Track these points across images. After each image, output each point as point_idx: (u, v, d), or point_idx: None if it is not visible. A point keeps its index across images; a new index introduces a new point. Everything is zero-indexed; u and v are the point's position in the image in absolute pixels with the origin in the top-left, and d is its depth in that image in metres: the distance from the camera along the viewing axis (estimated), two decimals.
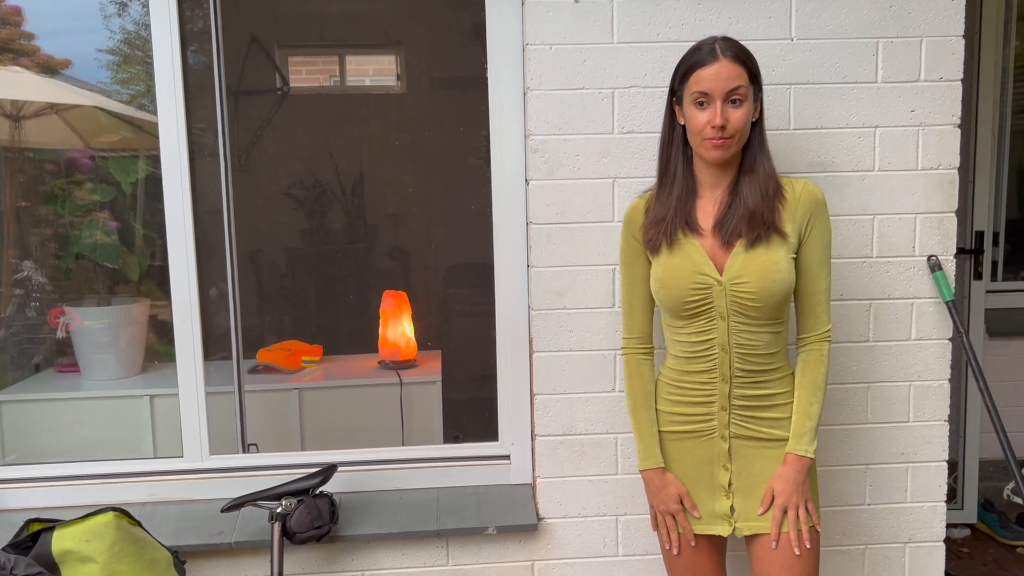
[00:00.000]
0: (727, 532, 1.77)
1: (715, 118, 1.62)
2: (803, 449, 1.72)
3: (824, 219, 1.72)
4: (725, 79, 1.62)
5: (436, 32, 4.17)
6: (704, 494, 1.79)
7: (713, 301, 1.70)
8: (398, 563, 2.18)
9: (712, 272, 1.69)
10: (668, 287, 1.72)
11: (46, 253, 3.29)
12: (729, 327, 1.71)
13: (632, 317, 1.85)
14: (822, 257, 1.72)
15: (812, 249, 1.72)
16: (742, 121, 1.64)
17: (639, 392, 1.84)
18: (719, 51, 1.64)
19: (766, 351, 1.72)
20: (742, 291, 1.67)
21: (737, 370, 1.72)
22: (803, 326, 1.77)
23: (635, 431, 1.83)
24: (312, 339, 3.36)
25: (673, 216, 1.72)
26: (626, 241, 1.82)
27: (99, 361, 3.02)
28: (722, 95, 1.63)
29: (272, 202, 3.99)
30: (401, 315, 3.21)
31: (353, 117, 4.17)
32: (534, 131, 2.07)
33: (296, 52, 4.22)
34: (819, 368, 1.74)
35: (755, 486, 1.75)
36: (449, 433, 3.03)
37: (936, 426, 2.19)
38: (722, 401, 1.74)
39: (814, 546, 1.73)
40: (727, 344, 1.71)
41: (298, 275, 3.99)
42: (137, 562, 1.84)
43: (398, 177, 4.09)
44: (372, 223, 4.10)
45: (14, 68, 3.25)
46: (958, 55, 2.08)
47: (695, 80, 1.65)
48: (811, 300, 1.75)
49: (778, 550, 1.72)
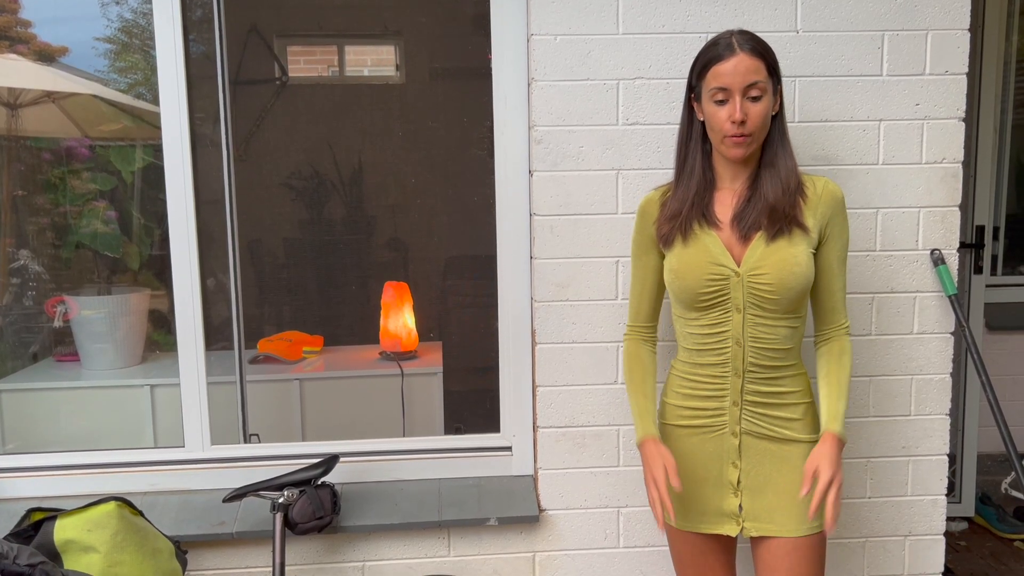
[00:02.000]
0: (735, 532, 1.75)
1: (735, 113, 1.60)
2: (839, 429, 1.68)
3: (844, 218, 1.71)
4: (744, 73, 1.60)
5: (435, 23, 4.16)
6: (712, 492, 1.77)
7: (730, 293, 1.69)
8: (399, 554, 2.18)
9: (730, 263, 1.68)
10: (684, 278, 1.70)
11: (43, 242, 3.27)
12: (744, 320, 1.69)
13: (639, 307, 1.85)
14: (842, 256, 1.72)
15: (833, 248, 1.71)
16: (761, 116, 1.62)
17: (636, 369, 1.82)
18: (736, 45, 1.61)
19: (782, 346, 1.71)
20: (760, 282, 1.66)
21: (751, 364, 1.71)
22: (824, 320, 1.76)
23: (632, 407, 1.80)
24: (313, 330, 3.36)
25: (689, 210, 1.71)
26: (639, 232, 1.81)
27: (98, 350, 3.01)
28: (741, 89, 1.60)
29: (271, 192, 3.98)
30: (402, 306, 3.20)
31: (352, 108, 4.15)
32: (538, 122, 2.06)
33: (295, 42, 4.20)
34: (848, 356, 1.74)
35: (764, 485, 1.74)
36: (450, 424, 3.03)
37: (937, 420, 2.20)
38: (734, 396, 1.73)
39: (820, 552, 1.72)
40: (741, 337, 1.70)
41: (299, 265, 3.98)
42: (139, 552, 1.84)
43: (398, 168, 4.08)
44: (372, 214, 4.10)
45: (11, 55, 3.23)
46: (963, 49, 2.08)
47: (713, 75, 1.63)
48: (832, 298, 1.74)
49: (788, 556, 1.70)
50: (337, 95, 4.17)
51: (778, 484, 1.73)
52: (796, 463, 1.73)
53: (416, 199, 4.07)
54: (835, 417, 1.69)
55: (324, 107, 4.12)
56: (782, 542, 1.71)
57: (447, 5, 4.06)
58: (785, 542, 1.71)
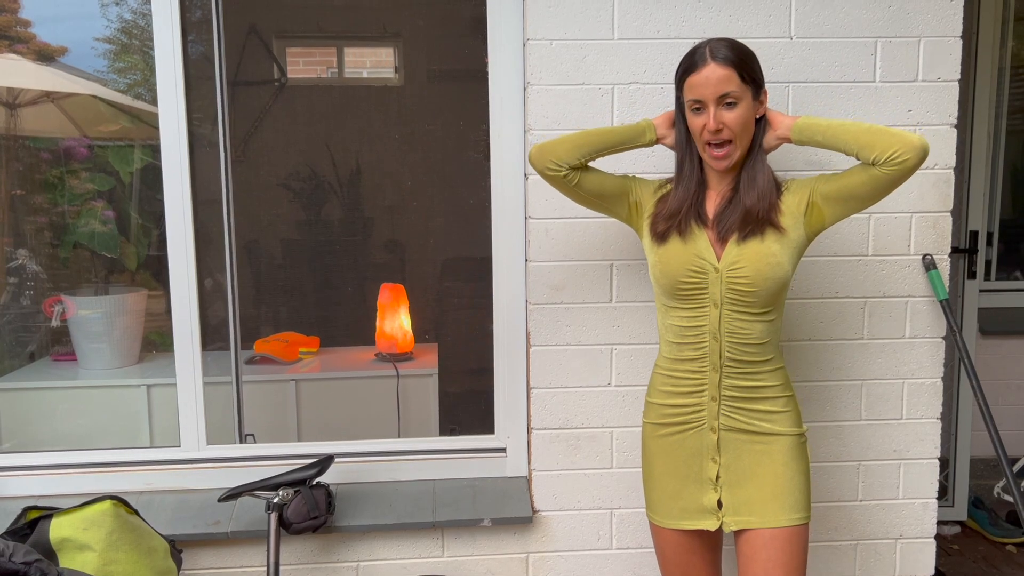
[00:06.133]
0: (714, 527, 1.77)
1: (709, 122, 1.66)
2: (801, 120, 1.71)
3: (808, 179, 1.74)
4: (715, 84, 1.64)
5: (434, 25, 4.16)
6: (692, 488, 1.79)
7: (708, 288, 1.72)
8: (394, 554, 2.19)
9: (711, 259, 1.72)
10: (668, 266, 1.74)
11: (41, 242, 3.28)
12: (721, 315, 1.72)
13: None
14: (829, 176, 1.71)
15: (827, 187, 1.70)
16: (737, 123, 1.66)
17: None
18: (708, 55, 1.65)
19: (758, 341, 1.73)
20: (738, 276, 1.69)
21: (727, 359, 1.74)
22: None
23: (604, 131, 1.81)
24: (309, 330, 3.37)
25: (688, 209, 1.75)
26: (632, 180, 1.85)
27: (95, 350, 3.02)
28: (714, 100, 1.65)
29: (269, 193, 3.98)
30: (398, 308, 3.21)
31: (351, 109, 4.16)
32: (534, 126, 2.08)
33: (294, 43, 4.21)
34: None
35: (743, 480, 1.76)
36: (445, 426, 3.04)
37: (928, 424, 2.21)
38: (712, 391, 1.76)
39: (801, 543, 1.74)
40: (718, 332, 1.73)
41: (296, 266, 3.99)
42: (134, 551, 1.85)
43: (396, 170, 4.09)
44: (370, 215, 4.10)
45: (10, 55, 3.23)
46: (956, 56, 2.09)
47: (688, 87, 1.69)
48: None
49: (765, 547, 1.72)
50: (336, 96, 4.18)
51: (758, 477, 1.75)
52: (776, 456, 1.75)
53: (413, 201, 4.08)
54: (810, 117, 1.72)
55: (322, 108, 4.13)
56: (762, 532, 1.73)
57: (446, 8, 4.07)
58: (765, 532, 1.73)
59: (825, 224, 1.73)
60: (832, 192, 1.69)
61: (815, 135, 1.70)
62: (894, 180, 1.63)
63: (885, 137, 1.61)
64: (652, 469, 1.83)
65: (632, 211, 1.84)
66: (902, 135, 1.61)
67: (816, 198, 1.71)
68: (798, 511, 1.74)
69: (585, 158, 1.80)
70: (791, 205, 1.73)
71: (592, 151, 1.80)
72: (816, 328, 2.17)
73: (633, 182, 1.85)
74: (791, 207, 1.72)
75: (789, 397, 1.78)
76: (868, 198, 1.68)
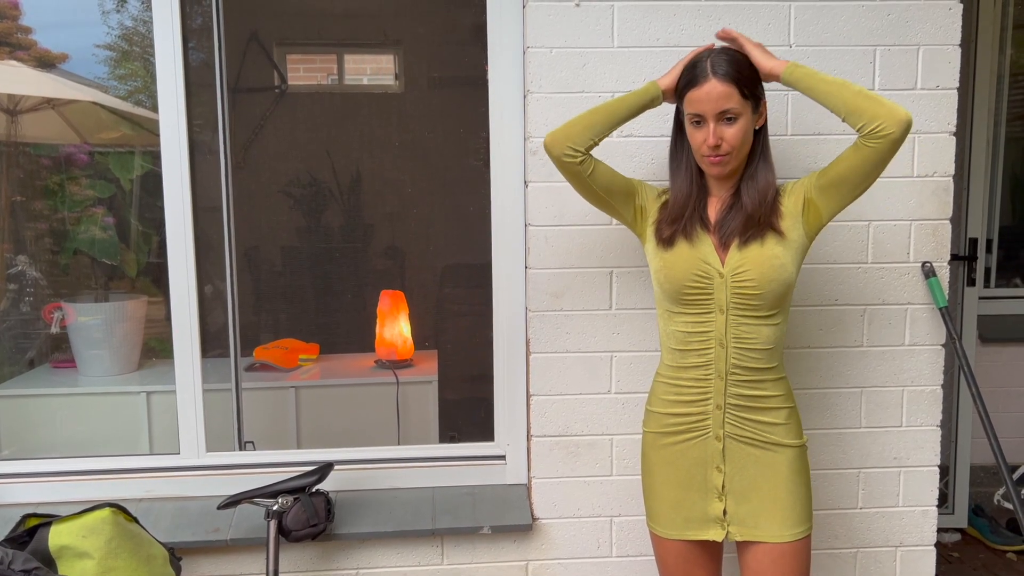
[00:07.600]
0: (720, 537, 1.77)
1: (709, 138, 1.66)
2: (790, 64, 1.71)
3: (802, 179, 1.76)
4: (715, 100, 1.64)
5: (435, 32, 4.17)
6: (697, 497, 1.79)
7: (713, 293, 1.72)
8: (393, 562, 2.18)
9: (716, 264, 1.72)
10: (672, 270, 1.74)
11: (41, 248, 3.28)
12: (728, 320, 1.72)
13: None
14: (825, 166, 1.71)
15: (821, 179, 1.70)
16: (737, 138, 1.67)
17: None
18: (709, 70, 1.65)
19: (764, 347, 1.73)
20: (744, 279, 1.69)
21: (733, 366, 1.73)
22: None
23: (615, 102, 1.79)
24: (309, 338, 3.37)
25: (691, 213, 1.76)
26: (638, 183, 1.85)
27: (95, 357, 3.01)
28: (714, 116, 1.66)
29: (269, 200, 3.99)
30: (398, 315, 3.21)
31: (351, 116, 4.16)
32: (534, 133, 2.08)
33: (294, 50, 4.22)
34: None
35: (748, 490, 1.76)
36: (445, 433, 3.03)
37: (928, 431, 2.21)
38: (717, 400, 1.75)
39: (806, 557, 1.74)
40: (724, 338, 1.73)
41: (296, 273, 3.99)
42: (133, 558, 1.84)
43: (396, 177, 4.09)
44: (370, 222, 4.10)
45: (11, 62, 3.24)
46: (954, 64, 2.10)
47: (688, 101, 1.69)
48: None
49: (774, 564, 1.72)
50: (336, 103, 4.18)
51: (763, 489, 1.75)
52: (780, 468, 1.75)
53: (413, 208, 4.08)
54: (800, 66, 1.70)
55: (323, 115, 4.13)
56: (768, 548, 1.73)
57: (446, 15, 4.08)
58: (771, 548, 1.73)
59: (823, 220, 1.73)
60: (824, 182, 1.70)
61: (806, 78, 1.69)
62: (880, 153, 1.63)
63: (874, 105, 1.61)
64: (653, 479, 1.83)
65: (637, 214, 1.84)
66: (891, 107, 1.61)
67: (811, 194, 1.72)
68: (803, 524, 1.74)
69: (598, 136, 1.78)
70: (789, 207, 1.73)
71: (604, 128, 1.78)
72: (816, 336, 2.17)
73: (640, 185, 1.85)
74: (790, 209, 1.73)
75: (791, 408, 1.78)
76: (859, 181, 1.68)
